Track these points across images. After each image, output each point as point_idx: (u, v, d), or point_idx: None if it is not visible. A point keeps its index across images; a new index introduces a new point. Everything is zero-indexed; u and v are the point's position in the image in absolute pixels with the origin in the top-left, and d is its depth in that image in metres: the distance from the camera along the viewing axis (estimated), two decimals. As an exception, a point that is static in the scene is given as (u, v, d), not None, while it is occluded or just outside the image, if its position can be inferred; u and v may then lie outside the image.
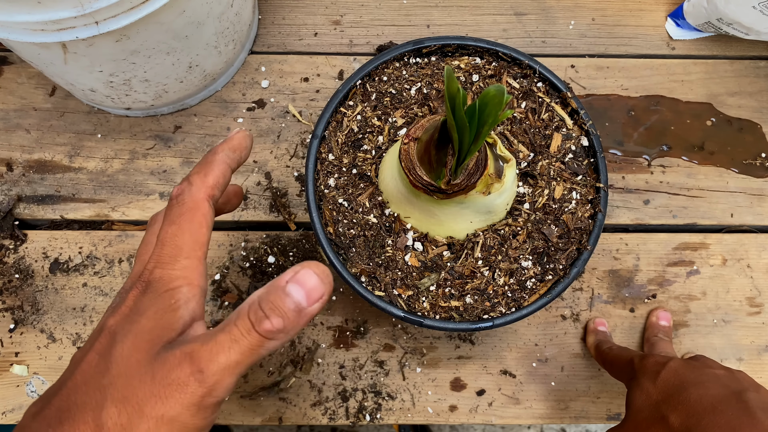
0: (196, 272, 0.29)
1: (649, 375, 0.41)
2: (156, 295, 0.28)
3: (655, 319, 0.54)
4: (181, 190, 0.30)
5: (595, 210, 0.43)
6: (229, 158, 0.32)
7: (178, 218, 0.29)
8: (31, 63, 0.48)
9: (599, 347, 0.50)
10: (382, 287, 0.42)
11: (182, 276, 0.28)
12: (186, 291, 0.28)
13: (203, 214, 0.30)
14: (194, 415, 0.25)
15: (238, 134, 0.33)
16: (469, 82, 0.46)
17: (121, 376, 0.26)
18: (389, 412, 0.53)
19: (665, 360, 0.41)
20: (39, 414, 0.26)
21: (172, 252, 0.29)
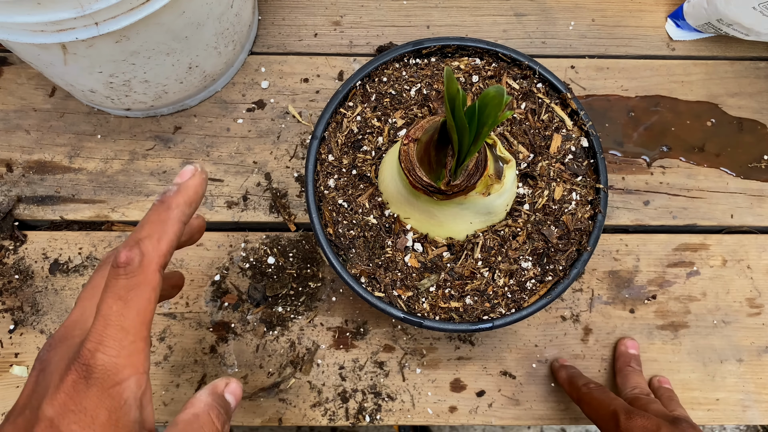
0: (142, 356, 0.26)
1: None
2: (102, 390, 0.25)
3: (624, 348, 0.53)
4: (130, 258, 0.26)
5: (595, 211, 0.43)
6: (184, 215, 0.28)
7: (125, 293, 0.26)
8: (31, 64, 0.48)
9: (574, 382, 0.49)
10: (381, 288, 0.42)
11: (129, 364, 0.25)
12: (134, 385, 0.26)
13: (153, 289, 0.26)
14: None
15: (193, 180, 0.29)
16: (469, 83, 0.46)
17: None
18: (389, 413, 0.53)
19: (654, 428, 0.41)
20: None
21: (117, 334, 0.25)
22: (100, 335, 0.25)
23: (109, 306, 0.26)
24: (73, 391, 0.25)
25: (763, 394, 0.54)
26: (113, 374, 0.25)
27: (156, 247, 0.27)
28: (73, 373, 0.25)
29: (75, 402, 0.24)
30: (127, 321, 0.26)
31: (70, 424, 0.24)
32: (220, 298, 0.54)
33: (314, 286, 0.54)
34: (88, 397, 0.25)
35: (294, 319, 0.54)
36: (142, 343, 0.26)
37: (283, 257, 0.55)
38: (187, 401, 0.29)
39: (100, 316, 0.26)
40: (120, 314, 0.25)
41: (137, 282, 0.26)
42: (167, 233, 0.27)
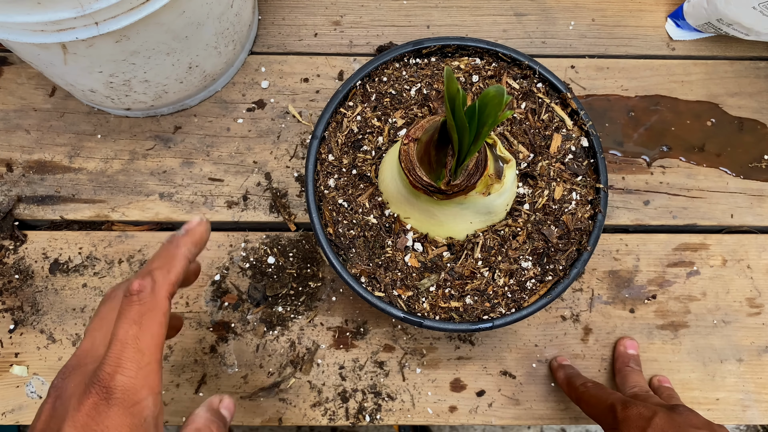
0: (157, 377, 0.28)
1: (633, 430, 0.41)
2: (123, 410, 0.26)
3: (623, 348, 0.53)
4: (143, 286, 0.29)
5: (595, 211, 0.43)
6: (190, 253, 0.32)
7: (139, 318, 0.28)
8: (31, 64, 0.48)
9: (572, 382, 0.49)
10: (381, 288, 0.42)
11: (146, 385, 0.27)
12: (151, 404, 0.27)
13: (164, 314, 0.29)
14: None
15: (200, 227, 0.33)
16: (469, 82, 0.46)
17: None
18: (389, 413, 0.53)
19: (650, 414, 0.41)
20: None
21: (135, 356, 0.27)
22: (117, 358, 0.27)
23: (125, 331, 0.27)
24: (94, 412, 0.26)
25: (763, 394, 0.54)
26: (132, 394, 0.27)
27: (166, 277, 0.29)
28: (93, 395, 0.26)
29: (96, 422, 0.26)
30: (143, 343, 0.27)
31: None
32: (220, 297, 0.54)
33: (314, 286, 0.54)
34: (109, 416, 0.26)
35: (294, 319, 0.54)
36: (156, 364, 0.28)
37: (283, 257, 0.55)
38: (187, 418, 0.31)
39: (117, 341, 0.27)
40: (136, 337, 0.27)
41: (149, 307, 0.28)
42: (175, 266, 0.30)
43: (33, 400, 0.52)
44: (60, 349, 0.53)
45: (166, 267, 0.30)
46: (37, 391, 0.52)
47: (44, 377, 0.53)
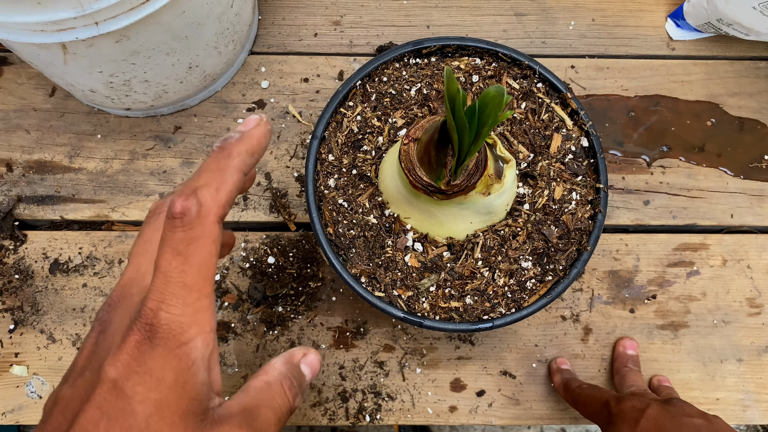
0: (207, 314, 0.24)
1: (627, 422, 0.41)
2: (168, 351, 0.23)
3: (623, 348, 0.53)
4: (187, 208, 0.23)
5: (595, 211, 0.43)
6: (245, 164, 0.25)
7: (185, 247, 0.23)
8: (31, 63, 0.48)
9: (568, 386, 0.49)
10: (382, 288, 0.42)
11: (193, 322, 0.24)
12: (201, 344, 0.24)
13: (213, 242, 0.24)
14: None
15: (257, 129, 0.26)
16: (469, 82, 0.46)
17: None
18: (389, 413, 0.53)
19: (643, 406, 0.41)
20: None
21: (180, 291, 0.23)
22: (161, 293, 0.23)
23: (168, 262, 0.23)
24: (137, 352, 0.23)
25: (763, 394, 0.54)
26: (179, 334, 0.23)
27: (215, 197, 0.24)
28: (135, 333, 0.23)
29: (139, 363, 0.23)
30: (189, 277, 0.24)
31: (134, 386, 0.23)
32: (221, 297, 0.54)
33: (314, 286, 0.54)
34: (153, 357, 0.23)
35: (294, 319, 0.54)
36: (206, 300, 0.24)
37: (283, 257, 0.55)
38: (261, 367, 0.28)
39: (160, 273, 0.24)
40: (181, 270, 0.23)
41: (196, 235, 0.24)
42: (227, 182, 0.24)
43: (33, 400, 0.52)
44: (60, 349, 0.53)
45: (215, 183, 0.24)
46: (37, 391, 0.52)
47: (44, 377, 0.53)
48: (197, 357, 0.24)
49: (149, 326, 0.23)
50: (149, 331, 0.23)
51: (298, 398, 0.27)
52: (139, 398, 0.22)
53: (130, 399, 0.22)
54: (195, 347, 0.24)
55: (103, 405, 0.22)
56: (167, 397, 0.23)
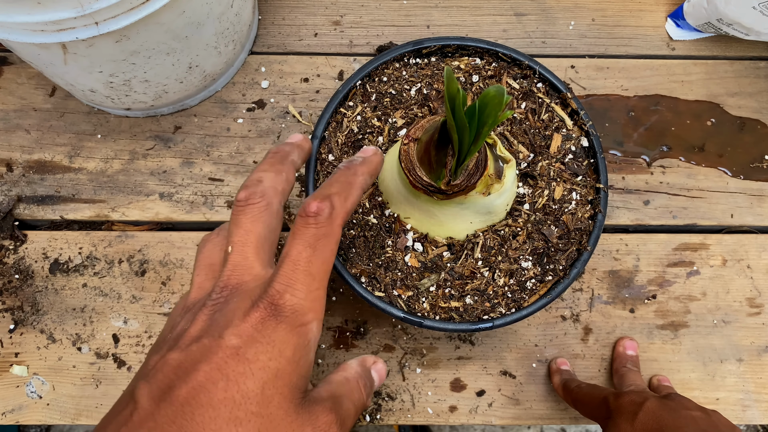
0: (323, 303, 0.27)
1: (626, 416, 0.41)
2: (291, 328, 0.26)
3: (622, 349, 0.53)
4: (321, 209, 0.28)
5: (595, 210, 0.43)
6: (366, 183, 0.31)
7: (315, 241, 0.27)
8: (31, 63, 0.48)
9: (567, 386, 0.49)
10: (382, 288, 0.42)
11: (312, 308, 0.27)
12: (315, 329, 0.27)
13: (336, 242, 0.28)
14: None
15: (375, 157, 0.32)
16: (469, 82, 0.46)
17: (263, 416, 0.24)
18: (389, 413, 0.53)
19: (641, 400, 0.41)
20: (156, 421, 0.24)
21: (306, 279, 0.27)
22: (289, 278, 0.26)
23: (299, 251, 0.27)
24: (260, 326, 0.25)
25: (763, 394, 0.54)
26: (300, 315, 0.26)
27: (343, 204, 0.28)
28: (260, 309, 0.26)
29: (263, 335, 0.25)
30: (314, 267, 0.27)
31: (258, 353, 0.25)
32: (220, 297, 0.54)
33: (314, 286, 0.54)
34: (277, 331, 0.25)
35: (294, 319, 0.54)
36: (323, 291, 0.27)
37: (283, 257, 0.55)
38: (339, 365, 0.31)
39: (290, 260, 0.27)
40: (309, 260, 0.27)
41: (325, 232, 0.27)
42: (352, 194, 0.29)
43: (33, 400, 0.52)
44: (60, 349, 0.53)
45: (344, 194, 0.29)
46: (37, 391, 0.52)
47: (44, 377, 0.53)
48: (311, 339, 0.27)
49: (274, 306, 0.26)
50: (274, 310, 0.26)
51: (370, 398, 0.30)
52: (261, 365, 0.25)
53: (251, 364, 0.24)
54: (311, 330, 0.27)
55: (223, 367, 0.24)
56: (285, 369, 0.25)
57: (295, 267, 0.27)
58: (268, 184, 0.29)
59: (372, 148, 0.33)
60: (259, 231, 0.29)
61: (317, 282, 0.27)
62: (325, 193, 0.29)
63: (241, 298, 0.27)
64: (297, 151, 0.32)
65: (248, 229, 0.29)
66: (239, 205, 0.29)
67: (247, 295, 0.27)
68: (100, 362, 0.53)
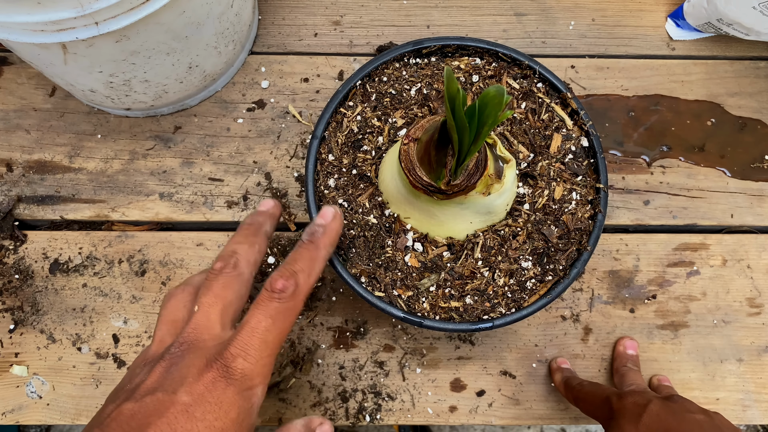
0: (270, 369, 0.29)
1: (629, 417, 0.41)
2: (238, 391, 0.28)
3: (623, 348, 0.53)
4: (286, 287, 0.30)
5: (595, 210, 0.43)
6: (328, 254, 0.33)
7: (275, 314, 0.30)
8: (31, 63, 0.48)
9: (568, 383, 0.49)
10: (381, 288, 0.42)
11: (261, 373, 0.29)
12: (260, 393, 0.29)
13: (296, 315, 0.31)
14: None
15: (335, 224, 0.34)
16: (469, 82, 0.46)
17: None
18: (389, 413, 0.53)
19: (645, 401, 0.41)
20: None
21: (260, 346, 0.29)
22: (245, 343, 0.29)
23: (258, 321, 0.29)
24: (212, 386, 0.27)
25: (763, 394, 0.54)
26: (249, 380, 0.28)
27: (306, 281, 0.31)
28: (213, 370, 0.28)
29: (213, 395, 0.27)
30: (270, 336, 0.29)
31: (206, 413, 0.27)
32: (220, 297, 0.54)
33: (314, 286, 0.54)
34: (225, 393, 0.28)
35: (294, 319, 0.54)
36: (273, 358, 0.30)
37: (283, 257, 0.55)
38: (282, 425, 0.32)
39: (248, 327, 0.29)
40: (266, 330, 0.29)
41: (287, 307, 0.30)
42: (316, 270, 0.32)
43: (33, 400, 0.52)
44: (60, 349, 0.53)
45: (308, 270, 0.31)
46: (37, 391, 0.52)
47: (44, 377, 0.53)
48: (255, 402, 0.29)
49: (227, 368, 0.28)
50: (226, 372, 0.28)
51: None
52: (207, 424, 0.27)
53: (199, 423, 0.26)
54: (256, 393, 0.29)
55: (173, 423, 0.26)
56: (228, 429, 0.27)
57: (252, 334, 0.29)
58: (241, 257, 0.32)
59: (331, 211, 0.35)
60: (227, 296, 0.31)
61: (269, 349, 0.29)
62: (291, 270, 0.31)
63: (197, 355, 0.29)
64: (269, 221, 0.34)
65: (217, 293, 0.31)
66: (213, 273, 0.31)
67: (203, 354, 0.29)
68: (100, 362, 0.53)
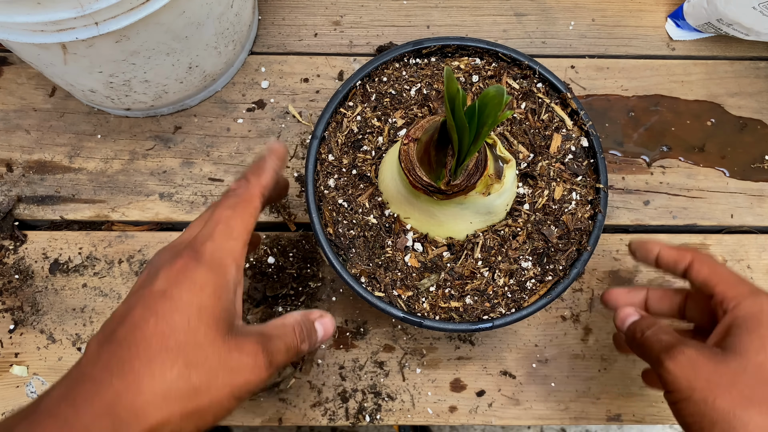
0: (241, 252, 0.32)
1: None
2: (210, 269, 0.30)
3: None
4: (239, 185, 0.34)
5: (595, 211, 0.43)
6: (276, 165, 0.36)
7: (234, 205, 0.33)
8: (31, 64, 0.48)
9: None
10: (381, 288, 0.42)
11: (230, 255, 0.31)
12: (234, 271, 0.31)
13: (255, 207, 0.33)
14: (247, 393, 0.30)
15: (278, 145, 0.37)
16: (469, 82, 0.46)
17: (190, 344, 0.28)
18: (389, 413, 0.53)
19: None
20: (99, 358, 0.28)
21: (224, 230, 0.32)
22: (210, 231, 0.32)
23: (220, 212, 0.33)
24: (184, 268, 0.30)
25: (763, 394, 0.54)
26: (218, 259, 0.31)
27: (257, 181, 0.34)
28: (185, 257, 0.30)
29: (186, 276, 0.30)
30: (233, 223, 0.32)
31: (181, 292, 0.29)
32: (220, 297, 0.54)
33: (314, 286, 0.54)
34: (197, 272, 0.30)
35: (294, 319, 0.54)
36: (242, 243, 0.32)
37: (283, 257, 0.55)
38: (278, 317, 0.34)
39: (212, 219, 0.32)
40: (229, 217, 0.32)
41: (243, 199, 0.33)
42: (265, 172, 0.35)
43: (33, 401, 0.52)
44: (60, 349, 0.53)
45: (257, 173, 0.35)
46: (37, 391, 0.52)
47: (44, 377, 0.53)
48: (230, 279, 0.31)
49: (195, 251, 0.31)
50: (195, 254, 0.30)
51: (305, 344, 0.33)
52: (185, 301, 0.29)
53: (177, 302, 0.29)
54: (230, 272, 0.31)
55: (152, 306, 0.29)
56: (206, 303, 0.29)
57: (216, 223, 0.32)
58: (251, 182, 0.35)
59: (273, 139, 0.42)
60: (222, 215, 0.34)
61: (236, 233, 0.32)
62: (242, 175, 0.35)
63: (171, 252, 0.32)
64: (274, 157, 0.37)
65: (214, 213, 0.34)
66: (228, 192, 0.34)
67: (176, 249, 0.32)
68: (100, 362, 0.53)
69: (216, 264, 0.30)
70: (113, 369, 0.27)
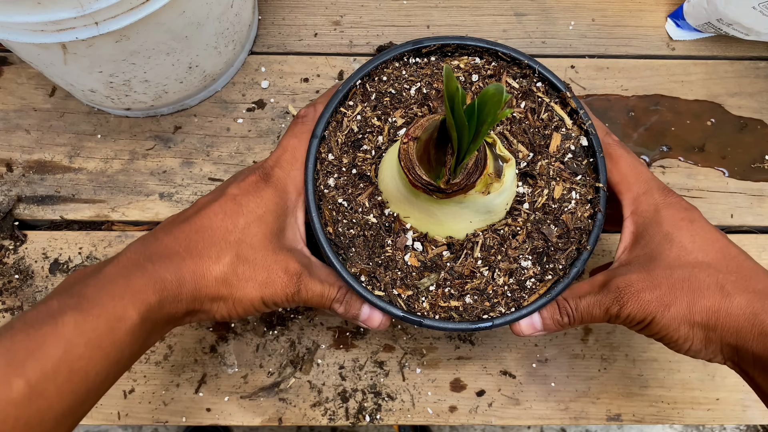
0: (301, 180, 0.38)
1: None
2: (275, 190, 0.37)
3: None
4: (307, 112, 0.39)
5: (595, 210, 0.43)
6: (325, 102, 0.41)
7: (300, 134, 0.38)
8: (31, 63, 0.48)
9: None
10: (381, 287, 0.42)
11: (293, 181, 0.38)
12: (293, 197, 0.38)
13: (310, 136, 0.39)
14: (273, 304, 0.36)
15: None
16: (469, 81, 0.46)
17: (246, 244, 0.35)
18: (389, 413, 0.53)
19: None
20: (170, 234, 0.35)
21: (290, 159, 0.38)
22: (278, 157, 0.38)
23: (288, 141, 0.39)
24: (254, 185, 0.37)
25: (763, 394, 0.54)
26: (283, 183, 0.37)
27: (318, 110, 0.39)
28: (256, 174, 0.37)
29: (255, 190, 0.37)
30: (298, 152, 0.39)
31: (249, 201, 0.36)
32: (220, 297, 0.54)
33: (314, 286, 0.54)
34: (265, 189, 0.37)
35: (294, 319, 0.54)
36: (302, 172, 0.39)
37: (283, 257, 0.55)
38: None
39: (281, 147, 0.39)
40: (294, 147, 0.39)
41: (310, 127, 0.39)
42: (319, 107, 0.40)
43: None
44: (60, 349, 0.53)
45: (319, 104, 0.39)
46: (37, 391, 0.52)
47: (44, 377, 0.53)
48: (291, 202, 0.38)
49: (266, 173, 0.37)
50: (265, 175, 0.37)
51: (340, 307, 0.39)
52: (250, 208, 0.36)
53: (243, 207, 0.36)
54: (290, 197, 0.38)
55: (224, 206, 0.36)
56: (266, 215, 0.36)
57: (284, 151, 0.38)
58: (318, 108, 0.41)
59: None
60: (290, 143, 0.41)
61: (299, 163, 0.38)
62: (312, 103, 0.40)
63: (245, 171, 0.38)
64: None
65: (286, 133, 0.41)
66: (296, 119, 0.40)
67: (250, 169, 0.38)
68: (100, 362, 0.53)
69: (280, 188, 0.37)
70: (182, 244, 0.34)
